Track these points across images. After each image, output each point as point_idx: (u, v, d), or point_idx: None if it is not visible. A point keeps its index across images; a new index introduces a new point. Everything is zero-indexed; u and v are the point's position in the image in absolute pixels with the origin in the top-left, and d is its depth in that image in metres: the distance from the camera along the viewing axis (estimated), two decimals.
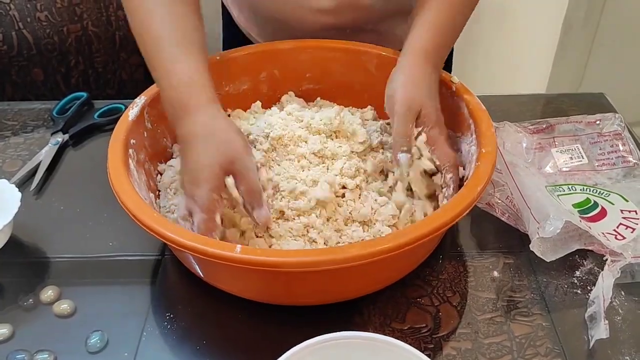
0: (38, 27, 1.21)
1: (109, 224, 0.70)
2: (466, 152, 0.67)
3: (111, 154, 0.62)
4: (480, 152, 0.62)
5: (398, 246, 0.52)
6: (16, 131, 0.85)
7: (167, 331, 0.59)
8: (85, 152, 0.83)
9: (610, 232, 0.67)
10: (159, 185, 0.69)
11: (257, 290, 0.59)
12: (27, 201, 0.71)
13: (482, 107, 0.67)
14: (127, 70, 1.31)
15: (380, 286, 0.61)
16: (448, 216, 0.55)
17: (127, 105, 0.85)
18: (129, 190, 0.58)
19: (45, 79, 1.27)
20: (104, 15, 1.24)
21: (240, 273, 0.55)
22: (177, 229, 0.55)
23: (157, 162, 0.69)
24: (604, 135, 0.77)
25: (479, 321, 0.60)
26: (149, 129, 0.67)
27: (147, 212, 0.56)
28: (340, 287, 0.59)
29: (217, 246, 0.53)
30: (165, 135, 0.70)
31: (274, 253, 0.56)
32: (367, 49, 0.77)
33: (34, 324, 0.60)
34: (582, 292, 0.62)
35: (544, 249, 0.64)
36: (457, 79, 0.72)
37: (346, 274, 0.55)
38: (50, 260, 0.67)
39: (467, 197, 0.57)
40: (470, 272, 0.65)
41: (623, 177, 0.75)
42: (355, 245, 0.55)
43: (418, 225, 0.56)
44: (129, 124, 0.65)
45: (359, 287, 0.60)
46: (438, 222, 0.55)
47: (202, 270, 0.60)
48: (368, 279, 0.59)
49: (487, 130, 0.64)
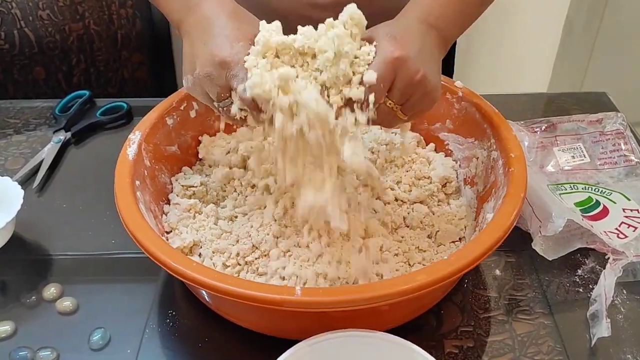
0: (40, 26, 1.21)
1: (111, 222, 0.70)
2: (485, 158, 0.66)
3: (121, 202, 0.57)
4: (509, 157, 0.60)
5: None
6: (18, 129, 0.85)
7: (169, 329, 0.59)
8: (87, 150, 0.83)
9: (612, 231, 0.67)
10: (165, 226, 0.64)
11: (273, 327, 0.57)
12: (29, 199, 0.71)
13: (495, 110, 0.66)
14: (128, 69, 1.31)
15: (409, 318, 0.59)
16: (505, 225, 0.54)
17: (129, 104, 0.87)
18: (159, 242, 0.54)
19: (47, 77, 1.27)
20: (105, 14, 1.24)
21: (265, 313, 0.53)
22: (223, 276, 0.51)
23: (159, 202, 0.66)
24: (606, 134, 0.77)
25: (481, 319, 0.60)
26: (148, 167, 0.64)
27: (186, 262, 0.52)
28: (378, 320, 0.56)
29: (275, 291, 0.50)
30: (163, 171, 0.67)
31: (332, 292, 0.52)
32: None
33: (36, 321, 0.60)
34: (584, 291, 0.62)
35: (546, 247, 0.64)
36: (461, 84, 0.70)
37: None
38: (52, 258, 0.67)
39: (515, 203, 0.55)
40: (472, 271, 0.64)
41: (625, 176, 0.75)
42: (422, 272, 0.51)
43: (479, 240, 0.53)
44: (130, 164, 0.61)
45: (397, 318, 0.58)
46: (499, 233, 0.53)
47: (212, 301, 0.59)
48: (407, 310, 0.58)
49: (508, 134, 0.63)
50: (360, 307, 0.49)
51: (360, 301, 0.48)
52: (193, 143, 0.72)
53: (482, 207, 0.64)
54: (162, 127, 0.68)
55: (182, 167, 0.70)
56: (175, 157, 0.70)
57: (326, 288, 0.54)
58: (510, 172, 0.59)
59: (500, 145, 0.63)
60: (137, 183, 0.60)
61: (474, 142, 0.69)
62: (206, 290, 0.51)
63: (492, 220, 0.55)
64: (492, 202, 0.62)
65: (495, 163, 0.63)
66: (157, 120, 0.67)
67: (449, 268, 0.50)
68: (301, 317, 0.53)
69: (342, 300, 0.49)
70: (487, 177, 0.65)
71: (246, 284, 0.51)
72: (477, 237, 0.54)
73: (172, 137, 0.69)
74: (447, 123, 0.72)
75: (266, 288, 0.51)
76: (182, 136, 0.71)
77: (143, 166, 0.63)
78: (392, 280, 0.53)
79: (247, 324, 0.58)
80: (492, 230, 0.54)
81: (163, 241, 0.55)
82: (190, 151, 0.72)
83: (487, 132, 0.66)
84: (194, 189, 0.68)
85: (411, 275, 0.52)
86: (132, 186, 0.59)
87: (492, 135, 0.65)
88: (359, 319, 0.53)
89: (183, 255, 0.54)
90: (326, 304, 0.49)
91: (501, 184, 0.61)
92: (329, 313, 0.51)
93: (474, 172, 0.68)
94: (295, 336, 0.54)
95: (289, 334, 0.55)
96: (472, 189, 0.68)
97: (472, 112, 0.69)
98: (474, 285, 0.63)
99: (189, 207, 0.65)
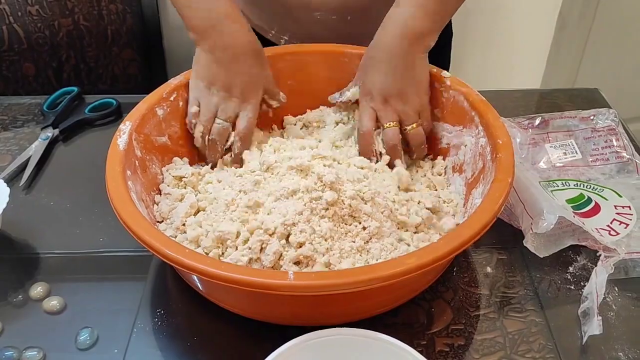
0: (29, 21, 1.20)
1: (99, 220, 0.69)
2: (473, 145, 0.67)
3: (113, 191, 0.57)
4: (496, 143, 0.62)
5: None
6: (6, 126, 0.84)
7: (157, 328, 0.59)
8: (75, 147, 0.82)
9: (603, 228, 0.67)
10: (157, 216, 0.64)
11: (267, 313, 0.58)
12: (16, 196, 0.70)
13: (482, 98, 0.68)
14: (119, 65, 1.30)
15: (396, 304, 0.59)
16: (494, 207, 0.55)
17: (118, 100, 0.86)
18: (153, 232, 0.54)
19: (37, 73, 1.26)
20: (95, 10, 1.23)
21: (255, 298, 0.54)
22: (216, 262, 0.52)
23: (150, 192, 0.66)
24: (598, 131, 0.77)
25: (472, 317, 0.59)
26: (139, 157, 0.64)
27: (179, 248, 0.52)
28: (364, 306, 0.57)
29: (269, 276, 0.51)
30: (154, 162, 0.67)
31: (327, 275, 0.53)
32: (348, 49, 0.76)
33: (23, 320, 0.59)
34: (576, 288, 0.62)
35: (538, 244, 0.63)
36: (448, 74, 0.71)
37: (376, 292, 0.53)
38: (39, 256, 0.66)
39: (502, 189, 0.57)
40: (463, 268, 0.64)
41: (617, 173, 0.74)
42: (412, 256, 0.52)
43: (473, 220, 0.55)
44: (121, 154, 0.61)
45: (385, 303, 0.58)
46: (487, 217, 0.54)
47: (204, 288, 0.58)
48: (393, 295, 0.58)
49: (495, 121, 0.64)
50: (351, 290, 0.49)
51: (351, 284, 0.49)
52: (183, 134, 0.72)
53: (470, 193, 0.65)
54: (152, 117, 0.68)
55: (172, 158, 0.70)
56: (166, 147, 0.69)
57: (318, 272, 0.55)
58: (497, 158, 0.60)
59: (488, 132, 0.64)
60: (128, 173, 0.61)
61: (462, 130, 0.70)
62: (198, 276, 0.51)
63: (480, 205, 0.56)
64: (480, 187, 0.62)
65: (483, 150, 0.64)
66: (147, 111, 0.67)
67: (438, 252, 0.51)
68: (294, 302, 0.54)
69: (334, 284, 0.49)
70: (476, 164, 0.66)
71: (239, 270, 0.51)
72: (465, 222, 0.55)
73: (162, 128, 0.69)
74: (436, 112, 0.73)
75: (259, 273, 0.52)
76: (172, 127, 0.71)
77: (134, 156, 0.64)
78: (382, 263, 0.54)
79: (240, 310, 0.58)
80: (481, 215, 0.55)
81: (156, 229, 0.55)
82: (180, 142, 0.71)
83: (475, 119, 0.67)
84: (185, 180, 0.67)
85: (401, 258, 0.52)
86: (123, 175, 0.59)
87: (480, 122, 0.66)
88: (351, 302, 0.54)
89: (175, 242, 0.54)
90: (318, 287, 0.50)
91: (489, 170, 0.61)
92: (320, 297, 0.52)
93: (463, 160, 0.69)
94: (288, 322, 0.56)
95: (282, 319, 0.56)
96: (460, 176, 0.68)
97: (460, 101, 0.69)
98: (465, 283, 0.63)
99: (180, 197, 0.65)
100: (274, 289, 0.49)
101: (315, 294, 0.51)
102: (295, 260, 0.56)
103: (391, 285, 0.50)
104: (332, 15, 0.81)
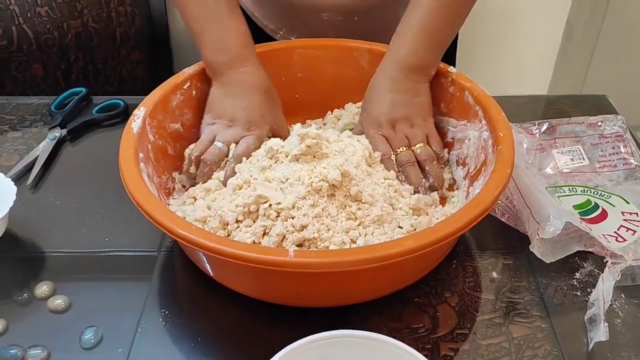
0: (38, 22, 1.21)
1: (105, 220, 0.70)
2: (476, 138, 0.68)
3: (126, 172, 0.59)
4: (498, 136, 0.63)
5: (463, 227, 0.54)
6: (14, 125, 0.85)
7: (161, 328, 0.58)
8: (82, 147, 0.82)
9: (610, 234, 0.66)
10: (174, 194, 0.68)
11: (271, 292, 0.59)
12: (23, 195, 0.71)
13: (486, 93, 0.69)
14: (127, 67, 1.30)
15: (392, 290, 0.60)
16: (490, 197, 0.56)
17: (125, 101, 0.87)
18: (164, 210, 0.56)
19: (45, 74, 1.26)
20: (104, 12, 1.24)
21: (258, 274, 0.55)
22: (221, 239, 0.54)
23: (162, 175, 0.67)
24: (605, 137, 0.77)
25: (477, 322, 0.59)
26: (152, 141, 0.66)
27: (187, 226, 0.54)
28: (360, 288, 0.58)
29: (271, 252, 0.53)
30: (168, 142, 0.69)
31: (327, 254, 0.54)
32: (358, 44, 0.78)
33: (28, 319, 0.59)
34: (582, 294, 0.62)
35: (544, 250, 0.63)
36: (454, 69, 0.73)
37: (375, 273, 0.54)
38: (45, 255, 0.66)
39: (500, 179, 0.58)
40: (469, 273, 0.64)
41: (624, 179, 0.74)
42: (409, 238, 0.53)
43: (468, 208, 0.56)
44: (135, 137, 0.63)
45: (384, 287, 0.59)
46: (484, 205, 0.55)
47: (212, 267, 0.59)
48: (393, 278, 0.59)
49: (498, 115, 0.66)
50: (349, 269, 0.51)
51: (349, 263, 0.51)
52: (196, 122, 0.73)
53: (472, 185, 0.66)
54: (166, 104, 0.69)
55: (185, 144, 0.71)
56: (179, 134, 0.71)
57: (318, 251, 0.57)
58: (498, 150, 0.62)
59: (491, 126, 0.65)
60: (140, 155, 0.62)
61: (466, 124, 0.71)
62: (204, 252, 0.53)
63: (478, 193, 0.58)
64: (481, 179, 0.64)
65: (485, 143, 0.66)
66: (161, 97, 0.69)
67: (436, 235, 0.53)
68: (295, 280, 0.55)
69: (333, 262, 0.51)
70: (478, 157, 0.67)
71: (241, 246, 0.53)
72: (463, 209, 0.57)
73: (175, 115, 0.71)
74: (442, 107, 0.74)
75: (260, 250, 0.54)
76: (185, 114, 0.72)
77: (147, 140, 0.65)
78: (380, 245, 0.56)
79: (244, 289, 0.59)
80: (478, 202, 0.56)
81: (166, 208, 0.57)
82: (193, 129, 0.72)
83: (479, 113, 0.68)
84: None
85: (398, 240, 0.54)
86: (135, 157, 0.61)
87: (484, 116, 0.67)
88: (350, 282, 0.56)
89: (183, 220, 0.56)
90: (317, 265, 0.51)
91: (490, 162, 0.63)
92: (320, 275, 0.53)
93: (466, 153, 0.70)
94: (291, 301, 0.58)
95: (285, 298, 0.58)
96: (463, 169, 0.70)
97: (465, 96, 0.71)
98: (470, 288, 0.62)
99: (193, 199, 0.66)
100: (274, 265, 0.51)
101: (314, 271, 0.52)
102: (298, 243, 0.57)
103: (388, 267, 0.52)
104: (340, 16, 0.82)
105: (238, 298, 0.59)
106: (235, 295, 0.60)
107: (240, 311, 0.60)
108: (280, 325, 0.59)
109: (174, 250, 0.66)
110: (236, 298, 0.60)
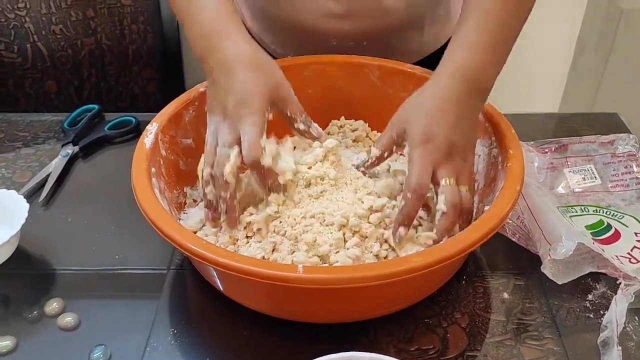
0: (53, 40, 1.23)
1: (115, 237, 0.70)
2: (486, 155, 0.68)
3: (138, 186, 0.60)
4: (508, 153, 0.63)
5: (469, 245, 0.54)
6: (27, 142, 0.86)
7: (170, 347, 0.58)
8: (95, 164, 0.83)
9: (624, 255, 0.65)
10: (185, 209, 0.68)
11: (280, 307, 0.59)
12: (35, 212, 0.71)
13: (497, 110, 0.69)
14: (139, 84, 1.32)
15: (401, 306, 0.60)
16: (500, 214, 0.56)
17: (137, 118, 0.87)
18: (174, 225, 0.56)
19: (59, 91, 1.28)
20: (117, 29, 1.26)
21: (268, 289, 0.55)
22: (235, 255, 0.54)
23: (173, 190, 0.68)
24: (617, 156, 0.76)
25: (488, 344, 0.59)
26: (164, 156, 0.67)
27: (196, 240, 0.55)
28: (370, 304, 0.58)
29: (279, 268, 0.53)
30: (179, 157, 0.70)
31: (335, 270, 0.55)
32: (368, 61, 0.78)
33: (37, 336, 0.60)
34: (595, 317, 0.61)
35: (556, 271, 0.63)
36: None
37: (385, 289, 0.54)
38: (56, 272, 0.66)
39: (510, 195, 0.58)
40: (479, 293, 0.63)
41: (637, 199, 0.73)
42: (421, 255, 0.53)
43: (477, 226, 0.56)
44: (147, 152, 0.64)
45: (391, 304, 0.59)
46: (494, 222, 0.55)
47: (221, 282, 0.60)
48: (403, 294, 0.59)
49: (508, 132, 0.66)
50: (357, 285, 0.51)
51: (358, 280, 0.51)
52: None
53: (481, 201, 0.66)
54: (178, 120, 0.70)
55: (197, 159, 0.69)
56: (190, 149, 0.71)
57: (326, 267, 0.57)
58: (508, 167, 0.61)
59: (500, 143, 0.65)
60: (152, 170, 0.63)
61: (476, 141, 0.70)
62: (213, 267, 0.53)
63: (488, 210, 0.57)
64: (491, 196, 0.63)
65: (495, 160, 0.66)
66: (173, 113, 0.70)
67: (444, 252, 0.53)
68: (304, 296, 0.55)
69: (341, 278, 0.51)
70: (488, 174, 0.67)
71: (251, 262, 0.53)
72: (472, 226, 0.56)
73: (187, 130, 0.71)
74: None
75: (269, 265, 0.55)
76: (197, 130, 0.72)
77: (159, 155, 0.66)
78: (389, 261, 0.56)
79: (254, 304, 0.59)
80: (487, 220, 0.56)
81: (176, 222, 0.58)
82: (204, 144, 0.72)
83: (489, 130, 0.68)
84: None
85: (407, 257, 0.54)
86: (148, 172, 0.62)
87: (493, 133, 0.67)
88: (359, 299, 0.56)
89: (193, 234, 0.57)
90: (325, 281, 0.51)
91: (499, 179, 0.63)
92: (329, 291, 0.53)
93: (476, 169, 0.69)
94: (301, 317, 0.58)
95: (294, 315, 0.58)
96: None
97: None
98: (481, 309, 0.62)
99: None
100: (282, 280, 0.51)
101: (322, 287, 0.52)
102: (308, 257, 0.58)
103: (397, 283, 0.52)
104: (349, 42, 0.82)
105: (246, 316, 0.59)
106: (244, 314, 0.59)
107: (248, 330, 0.60)
108: (290, 344, 0.58)
109: (183, 268, 0.66)
110: (244, 316, 0.59)
